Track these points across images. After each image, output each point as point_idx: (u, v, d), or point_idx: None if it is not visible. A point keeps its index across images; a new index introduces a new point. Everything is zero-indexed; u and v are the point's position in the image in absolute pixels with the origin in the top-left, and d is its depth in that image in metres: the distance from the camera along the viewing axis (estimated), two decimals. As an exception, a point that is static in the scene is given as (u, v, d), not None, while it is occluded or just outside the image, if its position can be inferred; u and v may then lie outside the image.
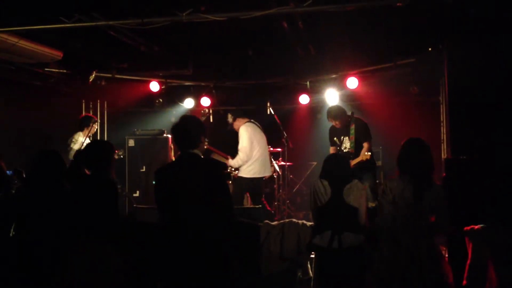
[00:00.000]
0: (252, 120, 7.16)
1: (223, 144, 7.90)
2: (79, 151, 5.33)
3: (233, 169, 7.52)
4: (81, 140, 7.37)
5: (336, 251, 3.90)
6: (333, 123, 6.67)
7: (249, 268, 4.92)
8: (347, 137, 6.54)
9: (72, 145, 7.40)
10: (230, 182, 7.56)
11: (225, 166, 7.25)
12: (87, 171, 3.98)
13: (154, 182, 3.61)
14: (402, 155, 3.87)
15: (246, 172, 6.91)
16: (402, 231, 3.64)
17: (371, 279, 3.74)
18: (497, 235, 4.24)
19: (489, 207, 4.61)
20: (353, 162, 6.25)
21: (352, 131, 6.43)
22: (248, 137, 6.86)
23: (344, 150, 6.55)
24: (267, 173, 7.18)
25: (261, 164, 6.98)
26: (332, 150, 6.77)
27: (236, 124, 7.08)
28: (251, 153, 6.85)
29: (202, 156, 3.62)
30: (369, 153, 6.21)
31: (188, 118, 3.85)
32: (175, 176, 3.56)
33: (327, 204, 4.03)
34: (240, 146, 6.87)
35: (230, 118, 7.13)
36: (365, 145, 6.42)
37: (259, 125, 7.20)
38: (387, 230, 3.70)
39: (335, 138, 6.72)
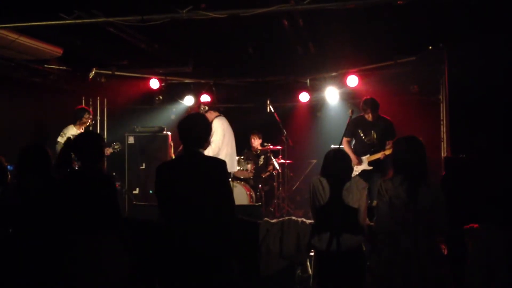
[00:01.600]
0: (221, 115, 7.17)
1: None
2: (68, 141, 5.21)
3: None
4: (70, 133, 7.34)
5: (335, 253, 3.86)
6: (368, 115, 6.66)
7: (248, 266, 4.92)
8: (374, 131, 6.66)
9: (59, 138, 7.36)
10: None
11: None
12: (74, 164, 3.94)
13: (155, 178, 3.56)
14: (394, 154, 3.83)
15: None
16: (400, 231, 3.61)
17: (370, 279, 3.71)
18: (496, 234, 4.23)
19: (489, 206, 4.60)
20: (388, 152, 6.37)
21: (381, 127, 6.60)
22: (222, 130, 6.88)
23: (368, 142, 6.68)
24: (235, 169, 7.23)
25: (231, 159, 6.99)
26: (345, 141, 6.81)
27: (208, 116, 6.95)
28: (222, 146, 6.86)
29: (205, 155, 3.61)
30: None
31: (198, 116, 3.81)
32: (177, 173, 3.55)
33: (326, 205, 3.95)
34: (213, 138, 6.81)
35: (202, 109, 7.13)
36: (391, 142, 6.48)
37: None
38: (386, 230, 3.68)
39: (359, 130, 6.75)
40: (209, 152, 6.67)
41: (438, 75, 7.52)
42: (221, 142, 6.85)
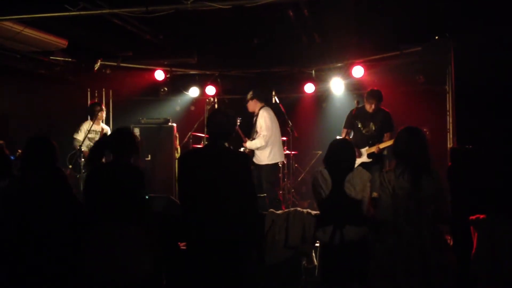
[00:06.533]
0: (266, 105, 7.09)
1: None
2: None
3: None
4: (86, 128, 7.45)
5: (339, 245, 3.87)
6: (371, 105, 6.58)
7: (253, 256, 4.93)
8: (372, 123, 6.62)
9: (75, 134, 7.50)
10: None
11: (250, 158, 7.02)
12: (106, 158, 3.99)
13: (178, 167, 3.65)
14: (396, 144, 3.83)
15: (270, 158, 6.85)
16: (404, 221, 3.61)
17: (374, 269, 3.72)
18: (502, 225, 4.22)
19: (495, 197, 4.59)
20: (383, 146, 6.41)
21: (379, 118, 6.57)
22: (271, 121, 6.83)
23: (366, 134, 6.64)
24: (282, 159, 7.20)
25: (280, 149, 7.01)
26: (344, 132, 6.81)
27: (251, 104, 6.99)
28: (270, 138, 6.80)
29: (228, 147, 3.66)
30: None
31: (228, 112, 3.87)
32: (199, 163, 3.60)
33: (328, 197, 3.96)
34: (264, 130, 6.78)
35: (249, 95, 7.02)
36: (388, 134, 6.53)
37: None
38: (389, 221, 3.68)
39: (357, 121, 6.72)
40: (256, 143, 6.79)
41: (444, 65, 7.46)
42: (270, 133, 6.77)
